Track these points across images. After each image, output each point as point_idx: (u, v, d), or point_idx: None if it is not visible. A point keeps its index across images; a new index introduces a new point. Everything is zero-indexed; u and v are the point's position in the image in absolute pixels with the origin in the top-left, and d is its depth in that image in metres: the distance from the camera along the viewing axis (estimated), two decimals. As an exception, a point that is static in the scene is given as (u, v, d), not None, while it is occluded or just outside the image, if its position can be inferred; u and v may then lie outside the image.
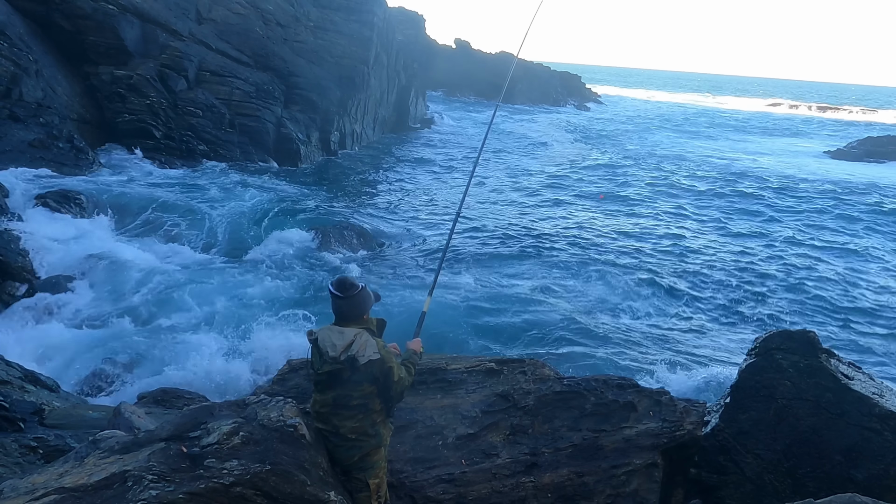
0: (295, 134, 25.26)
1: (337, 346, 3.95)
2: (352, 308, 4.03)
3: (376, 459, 4.14)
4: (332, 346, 3.96)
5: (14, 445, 5.59)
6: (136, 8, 22.14)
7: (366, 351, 3.92)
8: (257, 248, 15.15)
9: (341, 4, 30.12)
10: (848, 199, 26.85)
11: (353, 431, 4.03)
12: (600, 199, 25.01)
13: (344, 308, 4.03)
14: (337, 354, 3.93)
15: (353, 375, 3.94)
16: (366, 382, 3.95)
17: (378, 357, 3.93)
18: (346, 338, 3.96)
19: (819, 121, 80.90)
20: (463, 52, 61.19)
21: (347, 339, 3.95)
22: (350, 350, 3.92)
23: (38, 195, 14.22)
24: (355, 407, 3.99)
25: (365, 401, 3.99)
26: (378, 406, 4.05)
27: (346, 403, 3.99)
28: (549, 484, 4.99)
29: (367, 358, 3.92)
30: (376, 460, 4.14)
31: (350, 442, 4.05)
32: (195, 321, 11.02)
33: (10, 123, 16.85)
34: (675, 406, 5.53)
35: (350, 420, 4.02)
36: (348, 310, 4.03)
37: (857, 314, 14.32)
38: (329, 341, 3.99)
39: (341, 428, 4.04)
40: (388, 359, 3.98)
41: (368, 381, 3.95)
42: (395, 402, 4.14)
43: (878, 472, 4.75)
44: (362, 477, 4.12)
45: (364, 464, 4.11)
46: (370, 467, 4.12)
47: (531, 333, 11.99)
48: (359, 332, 3.99)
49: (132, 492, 3.59)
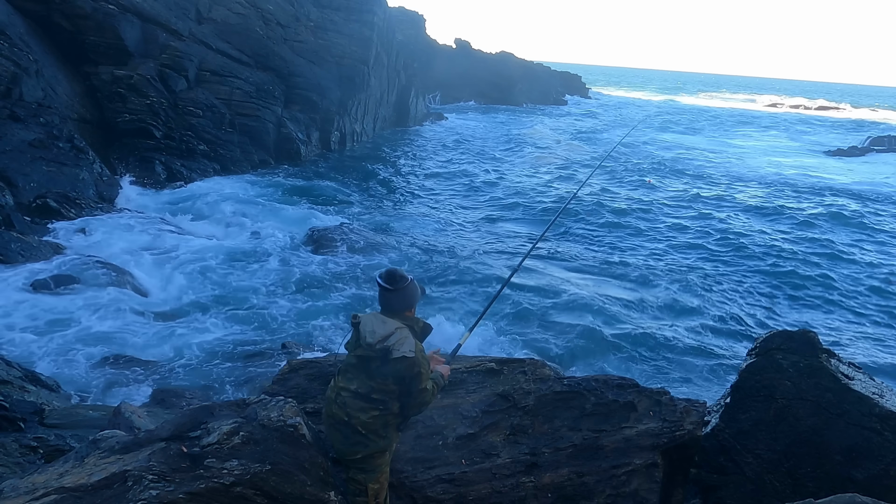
0: (295, 134, 25.27)
1: (377, 333, 3.88)
2: (399, 301, 3.96)
3: (379, 463, 4.04)
4: (371, 333, 3.89)
5: (14, 445, 5.60)
6: (136, 8, 22.14)
7: (402, 346, 3.84)
8: (255, 248, 15.13)
9: (341, 4, 30.12)
10: (849, 198, 26.84)
11: (365, 427, 3.93)
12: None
13: (392, 300, 3.96)
14: (374, 342, 3.86)
15: (381, 367, 3.87)
16: (391, 378, 3.88)
17: (412, 356, 3.84)
18: (387, 328, 3.89)
19: (819, 119, 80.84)
20: (463, 52, 61.14)
21: (389, 329, 3.88)
22: (387, 341, 3.84)
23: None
24: (374, 401, 3.91)
25: (385, 397, 3.91)
26: (396, 408, 3.96)
27: (366, 395, 3.91)
28: (550, 484, 4.99)
29: (401, 353, 3.83)
30: (379, 464, 4.04)
31: (358, 436, 3.94)
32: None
33: (10, 123, 16.83)
34: (676, 406, 5.53)
35: (364, 413, 3.92)
36: (396, 302, 3.97)
37: (857, 314, 14.32)
38: (370, 327, 3.92)
39: (354, 419, 3.93)
40: (420, 362, 3.89)
41: (394, 378, 3.88)
42: (413, 409, 4.03)
43: (879, 472, 4.75)
44: (362, 479, 4.02)
45: (366, 465, 4.01)
46: (371, 470, 4.02)
47: (531, 333, 12.00)
48: (401, 326, 3.92)
49: (132, 492, 3.59)
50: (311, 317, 11.73)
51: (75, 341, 9.83)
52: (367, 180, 24.20)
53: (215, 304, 11.86)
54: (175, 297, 12.11)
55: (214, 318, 11.25)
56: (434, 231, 18.07)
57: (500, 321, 12.34)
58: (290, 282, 13.33)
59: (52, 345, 9.62)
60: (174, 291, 12.31)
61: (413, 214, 19.64)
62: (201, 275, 13.13)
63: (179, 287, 12.50)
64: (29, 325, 10.11)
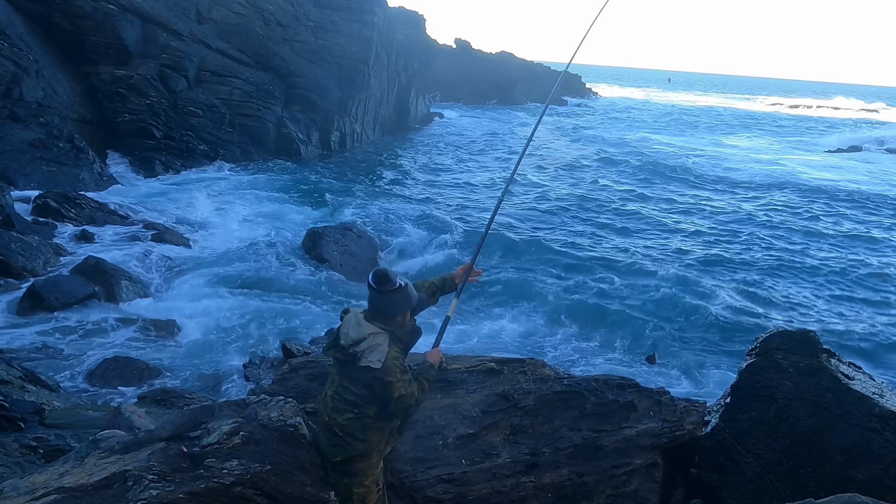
0: (295, 134, 25.28)
1: (349, 336, 3.71)
2: (384, 305, 3.73)
3: (362, 467, 3.87)
4: (345, 335, 3.73)
5: (14, 445, 5.60)
6: (136, 8, 22.16)
7: (371, 355, 3.65)
8: (254, 249, 15.12)
9: (342, 4, 30.12)
10: (849, 197, 26.84)
11: (341, 429, 3.80)
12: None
13: (377, 302, 3.74)
14: (346, 344, 3.71)
15: (352, 371, 3.74)
16: (361, 384, 3.73)
17: (377, 367, 3.64)
18: (361, 332, 3.69)
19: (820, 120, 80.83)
20: (463, 52, 61.10)
21: (361, 333, 3.69)
22: (358, 346, 3.67)
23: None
24: (349, 403, 3.77)
25: (358, 401, 3.75)
26: (373, 412, 3.78)
27: (343, 396, 3.79)
28: (550, 484, 4.99)
29: (366, 362, 3.65)
30: (362, 468, 3.87)
31: (336, 438, 3.84)
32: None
33: (10, 123, 16.85)
34: (676, 406, 5.53)
35: (340, 414, 3.80)
36: (380, 306, 3.74)
37: (857, 314, 14.31)
38: (345, 328, 3.76)
39: (331, 420, 3.83)
40: (390, 371, 3.66)
41: (363, 385, 3.73)
42: (395, 417, 3.83)
43: (879, 472, 4.75)
44: (346, 483, 3.90)
45: (348, 469, 3.87)
46: (353, 474, 3.87)
47: (530, 333, 12.00)
48: (378, 332, 3.70)
49: (132, 491, 3.60)
50: (311, 317, 11.73)
51: (75, 343, 9.85)
52: (367, 180, 24.20)
53: (215, 304, 11.85)
54: (174, 297, 12.11)
55: (214, 318, 11.25)
56: (434, 231, 18.06)
57: (500, 321, 12.35)
58: (289, 282, 13.33)
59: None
60: (173, 292, 12.31)
61: (413, 214, 19.63)
62: (200, 275, 13.13)
63: (179, 287, 12.51)
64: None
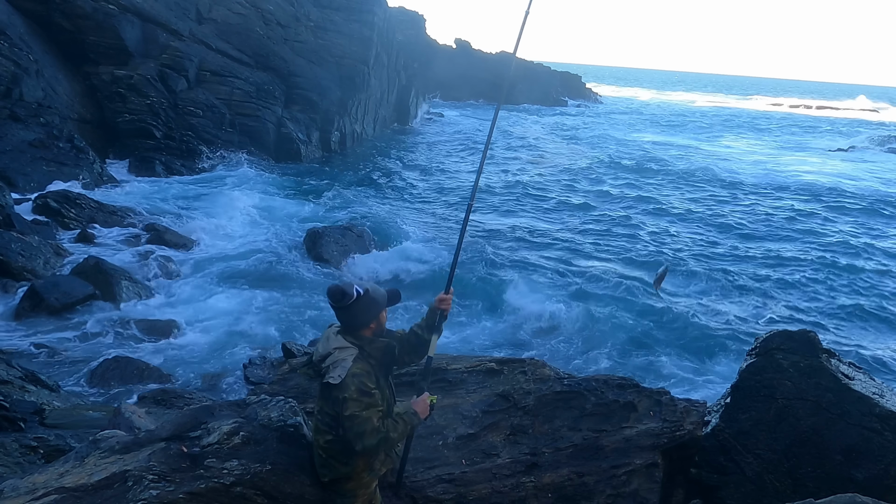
0: (295, 134, 25.28)
1: (319, 351, 3.65)
2: (348, 319, 3.63)
3: (351, 488, 3.76)
4: (316, 351, 3.68)
5: (14, 445, 5.60)
6: (136, 8, 22.17)
7: (334, 370, 3.52)
8: (254, 249, 15.11)
9: (342, 4, 30.13)
10: (849, 197, 26.84)
11: (324, 451, 3.71)
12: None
13: (342, 318, 3.66)
14: (316, 360, 3.65)
15: (324, 390, 3.63)
16: (331, 403, 3.57)
17: (336, 382, 3.48)
18: (328, 346, 3.62)
19: (819, 119, 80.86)
20: (463, 52, 61.15)
21: (328, 348, 3.61)
22: (325, 361, 3.59)
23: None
24: (327, 424, 3.65)
25: (332, 422, 3.62)
26: None
27: (322, 416, 3.69)
28: (550, 484, 4.99)
29: (326, 378, 3.54)
30: (351, 488, 3.76)
31: (320, 459, 3.76)
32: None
33: (10, 123, 16.86)
34: (676, 406, 5.54)
35: (322, 436, 3.70)
36: (346, 319, 3.65)
37: (856, 313, 14.30)
38: (319, 343, 3.72)
39: (315, 442, 3.79)
40: (347, 388, 3.46)
41: (331, 402, 3.57)
42: (351, 441, 3.47)
43: (879, 472, 4.75)
44: (339, 501, 3.81)
45: (337, 489, 3.78)
46: (343, 495, 3.78)
47: (529, 332, 12.00)
48: (344, 347, 3.58)
49: (132, 492, 3.59)
50: (311, 317, 11.73)
51: (75, 343, 9.86)
52: (366, 181, 24.20)
53: (215, 305, 11.85)
54: (174, 298, 12.11)
55: (215, 319, 11.26)
56: (434, 230, 18.06)
57: (499, 320, 12.35)
58: (289, 282, 13.32)
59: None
60: (173, 293, 12.31)
61: (413, 214, 19.66)
62: (201, 275, 13.13)
63: (179, 288, 12.51)
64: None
